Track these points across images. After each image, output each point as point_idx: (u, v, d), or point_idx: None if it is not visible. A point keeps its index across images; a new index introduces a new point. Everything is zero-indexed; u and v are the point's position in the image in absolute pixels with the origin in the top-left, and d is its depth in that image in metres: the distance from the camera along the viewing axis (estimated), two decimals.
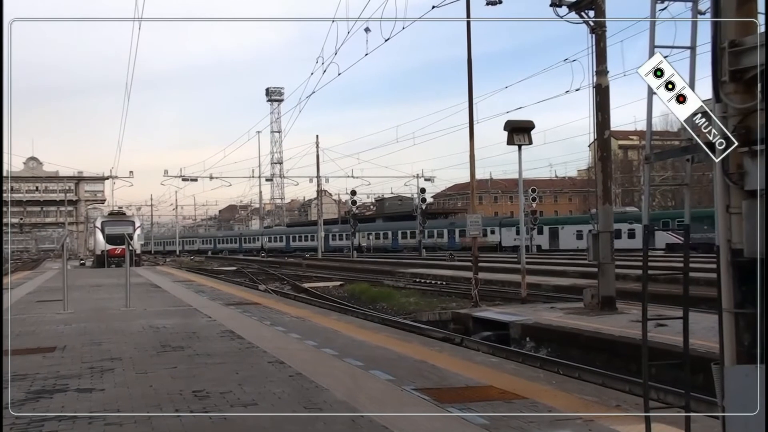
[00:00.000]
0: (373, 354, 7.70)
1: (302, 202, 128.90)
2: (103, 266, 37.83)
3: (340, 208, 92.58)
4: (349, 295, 24.41)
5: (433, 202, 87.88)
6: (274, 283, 30.77)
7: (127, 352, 8.12)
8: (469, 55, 16.45)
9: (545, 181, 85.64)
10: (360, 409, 5.14)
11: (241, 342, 8.77)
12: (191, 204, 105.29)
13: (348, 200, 63.74)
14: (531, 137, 15.39)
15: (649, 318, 4.04)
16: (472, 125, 16.70)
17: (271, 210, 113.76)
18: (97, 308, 13.65)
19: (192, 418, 5.04)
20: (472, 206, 18.59)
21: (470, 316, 14.08)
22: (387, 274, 31.85)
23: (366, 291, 24.07)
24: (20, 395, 5.83)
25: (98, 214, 61.13)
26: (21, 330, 10.41)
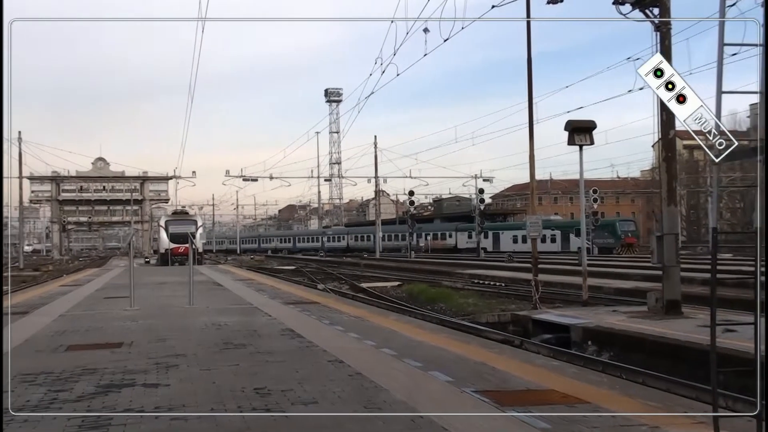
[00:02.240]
0: (432, 355, 7.68)
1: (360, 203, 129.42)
2: (167, 264, 38.66)
3: (398, 209, 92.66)
4: (407, 296, 24.38)
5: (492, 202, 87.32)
6: (332, 283, 30.96)
7: (190, 348, 8.27)
8: (528, 55, 16.29)
9: (607, 181, 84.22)
10: (419, 410, 5.12)
11: (301, 341, 8.85)
12: (252, 204, 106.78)
13: (406, 200, 63.81)
14: (593, 137, 15.13)
15: (717, 323, 3.94)
16: (531, 125, 16.53)
17: (330, 210, 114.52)
18: (161, 305, 13.95)
19: (254, 413, 5.11)
20: (532, 207, 18.39)
21: (530, 318, 13.92)
22: (445, 274, 31.74)
23: (424, 291, 24.00)
24: (90, 389, 6.00)
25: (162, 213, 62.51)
26: (90, 326, 10.73)
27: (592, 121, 15.45)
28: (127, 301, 13.53)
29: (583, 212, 19.65)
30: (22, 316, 12.35)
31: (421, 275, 32.53)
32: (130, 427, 4.77)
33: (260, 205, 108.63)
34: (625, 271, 25.39)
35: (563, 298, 18.96)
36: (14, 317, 12.10)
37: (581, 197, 18.04)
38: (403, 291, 26.11)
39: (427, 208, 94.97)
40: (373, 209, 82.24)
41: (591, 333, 11.69)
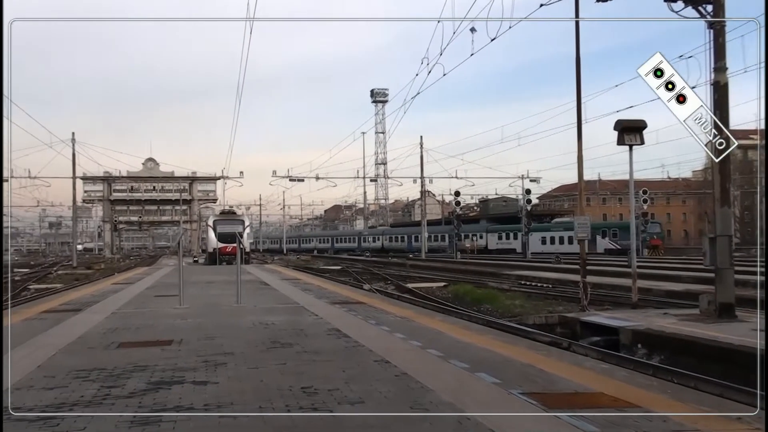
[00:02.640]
0: (479, 356, 7.63)
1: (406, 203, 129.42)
2: (215, 263, 39.16)
3: (444, 209, 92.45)
4: (452, 296, 24.29)
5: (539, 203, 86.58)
6: (378, 283, 31.01)
7: (238, 347, 8.35)
8: (577, 55, 16.09)
9: (657, 182, 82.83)
10: (466, 411, 5.10)
11: (347, 340, 8.88)
12: (298, 204, 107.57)
13: (452, 201, 63.65)
14: (643, 137, 14.86)
15: None
16: (580, 125, 16.33)
17: (375, 210, 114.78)
18: (210, 304, 14.13)
19: (301, 412, 5.14)
20: (580, 208, 18.19)
21: (578, 320, 13.73)
22: (491, 275, 31.56)
23: (470, 292, 23.89)
24: (141, 385, 6.11)
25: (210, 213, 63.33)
26: (141, 323, 10.92)
27: (642, 121, 15.18)
28: (177, 299, 13.75)
29: (632, 213, 19.31)
30: (75, 313, 12.64)
31: (466, 276, 32.40)
32: (180, 423, 4.84)
33: (306, 205, 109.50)
34: (676, 273, 24.93)
35: (612, 300, 18.70)
36: (68, 314, 12.41)
37: (631, 198, 17.75)
38: (449, 292, 26.02)
39: (473, 209, 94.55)
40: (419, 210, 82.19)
41: (641, 336, 11.49)
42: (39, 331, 9.98)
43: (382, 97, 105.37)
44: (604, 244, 57.86)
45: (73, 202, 61.17)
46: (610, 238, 58.78)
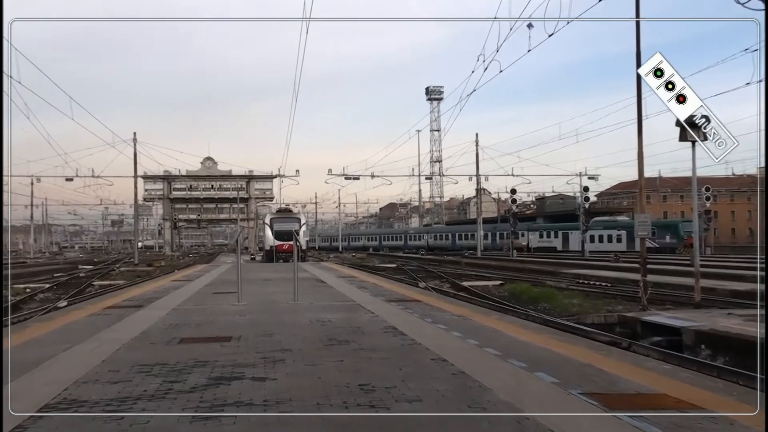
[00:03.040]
0: (537, 355, 7.55)
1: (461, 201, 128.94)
2: (272, 261, 39.56)
3: (499, 207, 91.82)
4: (509, 295, 24.11)
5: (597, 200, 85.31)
6: (433, 281, 30.95)
7: (296, 344, 8.43)
8: (638, 51, 15.76)
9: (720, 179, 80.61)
10: (525, 411, 5.05)
11: (404, 338, 8.88)
12: (353, 202, 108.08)
13: (507, 199, 63.19)
14: (706, 133, 14.48)
15: None
16: (640, 121, 16.02)
17: (430, 208, 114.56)
18: (267, 301, 14.30)
19: (359, 410, 5.16)
20: (640, 205, 17.82)
21: (638, 320, 13.47)
22: (548, 274, 31.21)
23: (527, 291, 23.68)
24: (202, 380, 6.22)
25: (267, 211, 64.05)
26: (201, 320, 11.11)
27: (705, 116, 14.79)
28: (235, 296, 13.96)
29: (695, 211, 18.86)
30: (138, 309, 12.93)
31: (523, 274, 32.10)
32: (240, 420, 4.91)
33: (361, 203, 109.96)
34: (741, 273, 24.26)
35: (673, 299, 18.31)
36: (130, 310, 12.70)
37: (693, 195, 17.32)
38: (506, 290, 25.83)
39: (529, 207, 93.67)
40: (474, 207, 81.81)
41: (704, 336, 11.21)
42: (103, 327, 10.24)
43: (437, 95, 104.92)
44: None
45: (135, 201, 62.60)
46: (648, 237, 57.70)
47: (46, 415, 5.07)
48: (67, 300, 23.11)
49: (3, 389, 5.18)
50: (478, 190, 67.37)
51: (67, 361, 7.40)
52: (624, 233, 60.02)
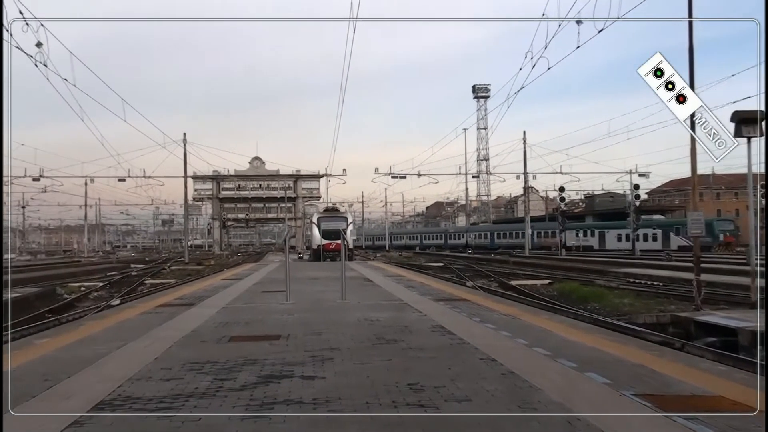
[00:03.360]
0: (587, 355, 7.45)
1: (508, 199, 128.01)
2: (319, 260, 39.78)
3: (547, 205, 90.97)
4: (558, 294, 23.87)
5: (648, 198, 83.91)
6: (481, 280, 30.81)
7: (344, 342, 8.45)
8: (690, 48, 15.46)
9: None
10: (576, 412, 4.98)
11: (452, 337, 8.84)
12: (400, 201, 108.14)
13: (556, 197, 62.63)
14: (762, 128, 14.14)
15: None
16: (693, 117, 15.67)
17: (477, 207, 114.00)
18: (315, 300, 14.37)
19: (408, 409, 5.15)
20: (693, 203, 17.50)
21: (692, 320, 13.22)
22: (598, 273, 30.80)
23: (576, 290, 23.42)
24: (252, 378, 6.27)
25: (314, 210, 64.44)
26: (250, 318, 11.22)
27: (761, 111, 14.44)
28: (283, 295, 14.06)
29: (751, 209, 18.38)
30: (188, 307, 13.12)
31: (572, 273, 31.75)
32: (290, 417, 4.94)
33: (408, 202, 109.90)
34: None
35: (728, 299, 17.90)
36: (181, 309, 12.89)
37: (749, 193, 16.91)
38: (554, 289, 25.59)
39: (578, 205, 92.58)
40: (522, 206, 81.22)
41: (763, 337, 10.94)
42: (155, 325, 10.41)
43: (484, 93, 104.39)
44: (678, 241, 59.20)
45: (185, 201, 63.58)
46: (683, 235, 59.56)
47: (101, 410, 5.18)
48: (120, 298, 23.60)
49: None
50: (526, 188, 66.83)
51: (120, 358, 7.54)
52: (659, 232, 61.18)
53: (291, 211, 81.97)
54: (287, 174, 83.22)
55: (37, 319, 18.23)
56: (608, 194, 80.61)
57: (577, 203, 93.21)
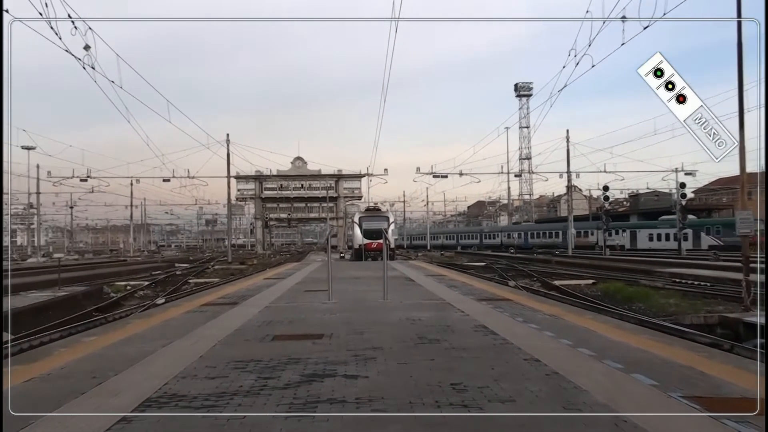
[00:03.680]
0: (633, 356, 7.33)
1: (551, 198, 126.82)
2: (361, 259, 39.87)
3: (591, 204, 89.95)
4: (602, 294, 23.59)
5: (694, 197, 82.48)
6: (523, 280, 30.58)
7: (387, 342, 8.44)
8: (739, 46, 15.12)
9: None
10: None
11: (495, 337, 8.77)
12: (441, 200, 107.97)
13: (599, 196, 61.96)
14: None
15: None
16: (742, 113, 15.36)
17: (520, 206, 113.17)
18: (357, 299, 14.39)
19: (451, 409, 5.13)
20: (742, 202, 17.11)
21: (741, 321, 12.96)
22: (642, 273, 30.35)
23: (621, 290, 23.12)
24: (295, 377, 6.30)
25: (356, 209, 64.60)
26: (293, 317, 11.28)
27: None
28: (326, 294, 14.12)
29: None
30: (232, 306, 13.24)
31: (616, 273, 31.34)
32: (333, 417, 4.95)
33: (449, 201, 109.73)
34: None
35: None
36: (225, 307, 13.01)
37: None
38: (598, 289, 25.30)
39: (622, 204, 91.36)
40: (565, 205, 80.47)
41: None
42: (199, 323, 10.53)
43: (527, 91, 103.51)
44: (708, 240, 60.08)
45: (228, 200, 64.30)
46: (714, 234, 60.77)
47: (149, 407, 5.26)
48: (164, 297, 23.96)
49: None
50: (569, 187, 66.17)
51: (166, 356, 7.64)
52: (690, 231, 60.86)
53: (333, 211, 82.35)
54: (329, 174, 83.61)
55: (84, 317, 18.59)
56: (653, 193, 79.47)
57: (622, 202, 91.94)
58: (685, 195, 59.35)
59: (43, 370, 6.81)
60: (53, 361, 7.36)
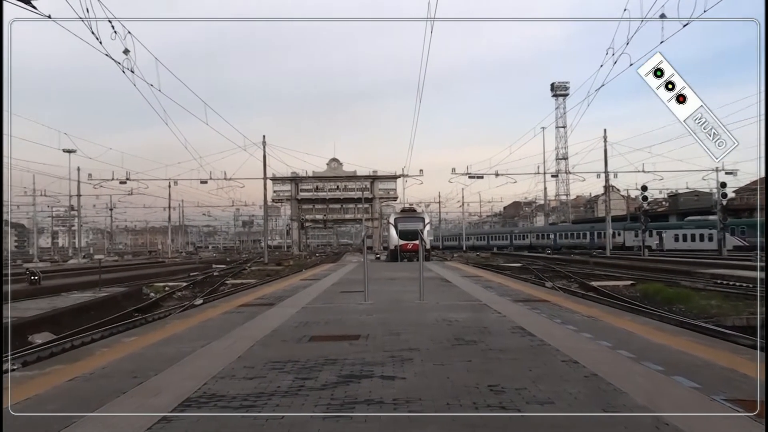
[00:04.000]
0: (674, 358, 7.22)
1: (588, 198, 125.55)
2: (396, 260, 39.88)
3: (629, 204, 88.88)
4: (641, 295, 23.30)
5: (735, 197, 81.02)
6: (560, 281, 30.33)
7: (423, 343, 8.43)
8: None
9: None
10: (663, 417, 4.83)
11: (533, 339, 8.72)
12: (477, 201, 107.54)
13: (638, 196, 61.30)
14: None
15: None
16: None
17: (556, 206, 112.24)
18: (393, 300, 14.40)
19: (489, 410, 5.11)
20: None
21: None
22: (683, 274, 29.88)
23: (660, 291, 22.81)
24: (332, 378, 6.33)
25: (391, 210, 64.66)
26: (330, 318, 11.33)
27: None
28: (362, 295, 14.15)
29: None
30: (269, 307, 13.34)
31: (655, 274, 30.91)
32: (371, 417, 4.96)
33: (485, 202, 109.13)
34: None
35: None
36: (262, 308, 13.11)
37: None
38: (637, 290, 24.99)
39: (661, 204, 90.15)
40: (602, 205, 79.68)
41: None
42: (237, 324, 10.62)
43: (563, 91, 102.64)
44: (733, 240, 59.76)
45: (264, 202, 64.77)
46: (738, 235, 60.76)
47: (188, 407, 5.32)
48: (202, 298, 24.22)
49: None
50: (607, 187, 65.52)
51: (205, 356, 7.72)
52: (714, 232, 61.10)
53: (368, 212, 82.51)
54: (364, 175, 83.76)
55: (125, 317, 18.87)
56: (693, 193, 78.34)
57: (661, 202, 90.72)
58: (725, 195, 58.34)
59: (85, 370, 6.93)
60: (95, 361, 7.48)
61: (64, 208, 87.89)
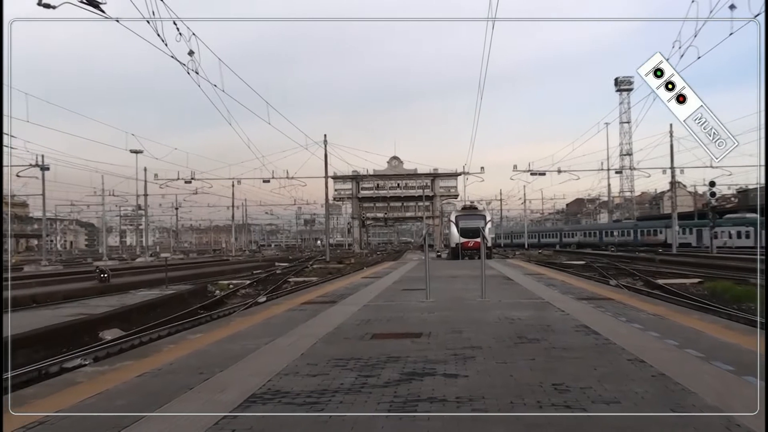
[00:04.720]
0: (745, 358, 7.00)
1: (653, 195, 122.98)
2: (457, 258, 39.72)
3: (696, 201, 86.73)
4: (709, 293, 22.72)
5: None
6: (625, 278, 29.79)
7: (485, 341, 8.39)
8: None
9: None
10: (735, 418, 4.70)
11: (597, 337, 8.59)
12: (539, 198, 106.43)
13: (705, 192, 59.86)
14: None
15: None
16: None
17: (620, 203, 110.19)
18: (455, 298, 14.36)
19: (553, 410, 5.06)
20: None
21: None
22: (753, 271, 29.00)
23: (729, 289, 22.20)
24: (395, 376, 6.35)
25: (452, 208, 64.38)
26: (391, 316, 11.36)
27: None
28: (423, 293, 14.14)
29: None
30: (331, 305, 13.44)
31: (724, 272, 30.08)
32: (434, 416, 4.95)
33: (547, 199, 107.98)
34: None
35: None
36: (324, 306, 13.23)
37: None
38: (705, 288, 24.37)
39: (729, 200, 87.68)
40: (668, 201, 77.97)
41: None
42: (300, 322, 10.74)
43: (627, 86, 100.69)
44: None
45: (326, 201, 65.22)
46: None
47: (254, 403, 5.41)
48: (266, 295, 24.57)
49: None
50: (673, 183, 64.13)
51: (269, 353, 7.83)
52: (752, 230, 60.91)
53: (429, 210, 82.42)
54: (425, 173, 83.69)
55: (190, 314, 19.27)
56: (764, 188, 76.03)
57: (729, 198, 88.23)
58: None
59: (154, 366, 7.10)
60: (163, 357, 7.67)
61: (131, 208, 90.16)
